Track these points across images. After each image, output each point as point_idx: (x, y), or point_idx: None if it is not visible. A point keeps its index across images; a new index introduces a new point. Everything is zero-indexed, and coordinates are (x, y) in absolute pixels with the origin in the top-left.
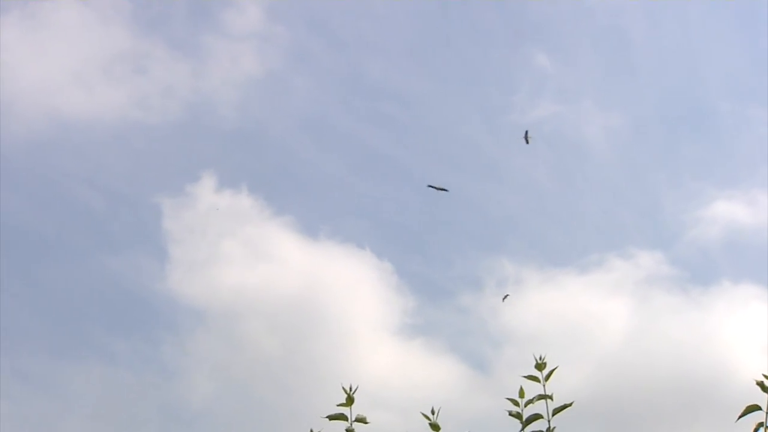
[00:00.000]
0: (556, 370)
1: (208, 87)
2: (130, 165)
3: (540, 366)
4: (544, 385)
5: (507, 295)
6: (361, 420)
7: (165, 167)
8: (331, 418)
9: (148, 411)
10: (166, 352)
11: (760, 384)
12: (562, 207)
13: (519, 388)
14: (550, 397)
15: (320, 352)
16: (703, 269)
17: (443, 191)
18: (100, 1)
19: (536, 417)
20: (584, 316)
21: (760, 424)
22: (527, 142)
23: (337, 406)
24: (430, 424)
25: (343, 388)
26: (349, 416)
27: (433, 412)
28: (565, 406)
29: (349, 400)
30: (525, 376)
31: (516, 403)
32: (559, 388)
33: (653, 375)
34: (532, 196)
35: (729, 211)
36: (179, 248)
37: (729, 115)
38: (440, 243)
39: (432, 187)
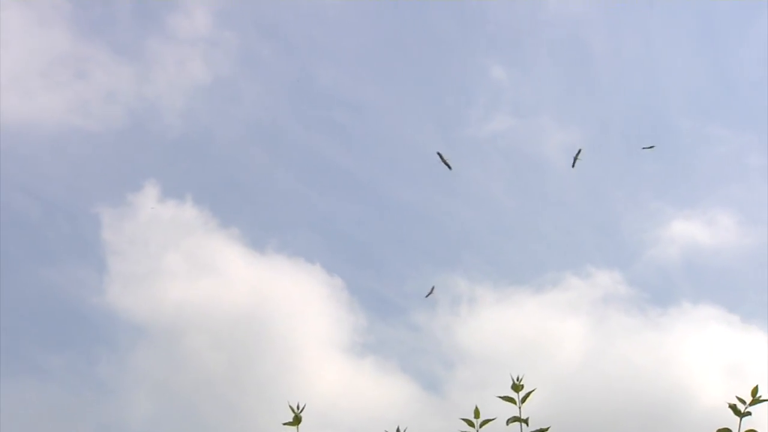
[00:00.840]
0: (533, 393)
1: (152, 93)
2: (68, 173)
3: (517, 387)
4: (519, 408)
5: (432, 288)
6: None
7: (105, 175)
8: None
9: (84, 430)
10: (103, 368)
11: (733, 407)
12: (519, 223)
13: (474, 408)
14: (526, 422)
15: (267, 371)
16: (661, 290)
17: (447, 167)
18: (40, 2)
19: None
20: (540, 336)
21: None
22: (573, 165)
23: (284, 425)
24: None
25: (291, 407)
26: None
27: None
28: (541, 431)
29: (296, 420)
30: (501, 397)
31: (471, 424)
32: (514, 410)
33: (611, 398)
34: (489, 211)
35: (688, 231)
36: (119, 260)
37: (689, 132)
38: (393, 258)
39: (440, 156)
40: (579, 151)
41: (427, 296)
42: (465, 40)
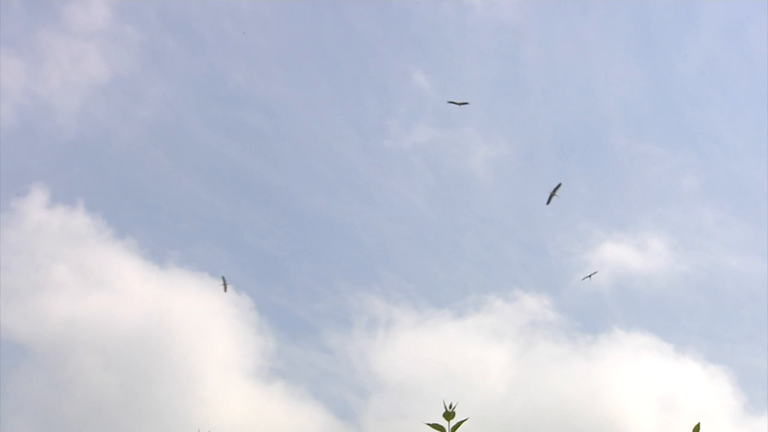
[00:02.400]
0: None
1: (44, 90)
2: None
3: (448, 415)
4: None
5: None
6: None
7: None
8: None
9: None
10: None
11: None
12: (442, 239)
13: None
14: None
15: (165, 395)
16: (592, 316)
17: (464, 104)
18: None
19: None
20: (463, 363)
21: None
22: (549, 201)
23: None
24: None
25: None
26: None
27: None
28: None
29: None
30: (430, 425)
31: None
32: None
33: (538, 429)
34: (411, 225)
35: (619, 255)
36: (1, 272)
37: (623, 150)
38: (306, 273)
39: (453, 102)
40: (558, 186)
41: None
42: (387, 44)
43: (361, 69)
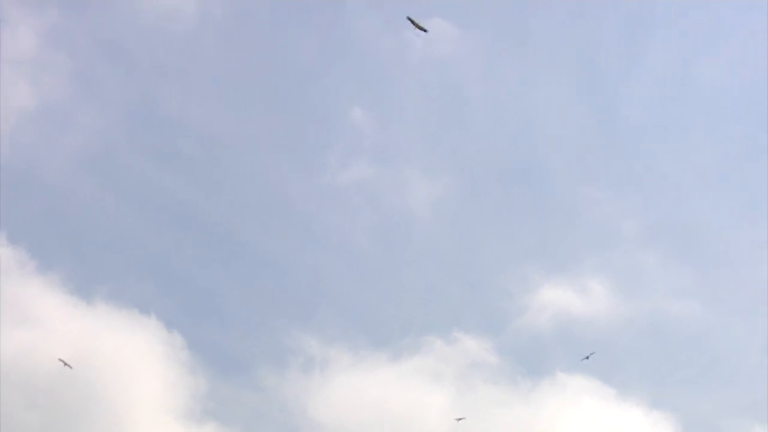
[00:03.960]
0: None
1: None
2: None
3: None
4: None
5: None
6: None
7: None
8: None
9: None
10: None
11: None
12: (383, 277)
13: None
14: None
15: None
16: (533, 359)
17: (422, 29)
18: None
19: None
20: (402, 405)
21: None
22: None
23: None
24: None
25: None
26: None
27: None
28: None
29: None
30: None
31: None
32: None
33: None
34: (350, 261)
35: (560, 299)
36: None
37: (565, 192)
38: (241, 308)
39: (411, 21)
40: (591, 354)
41: None
42: (327, 77)
43: (301, 101)
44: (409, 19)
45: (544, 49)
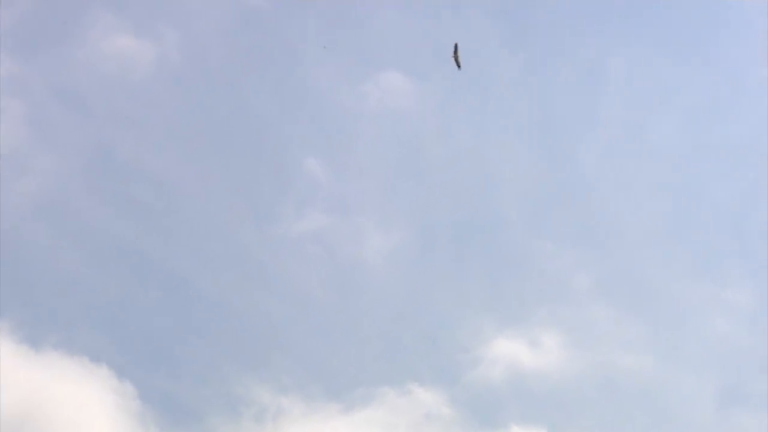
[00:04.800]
0: None
1: None
2: None
3: None
4: None
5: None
6: None
7: None
8: None
9: None
10: None
11: None
12: (337, 327)
13: None
14: None
15: None
16: (487, 412)
17: (457, 64)
18: None
19: None
20: None
21: None
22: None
23: None
24: None
25: None
26: None
27: None
28: None
29: None
30: None
31: None
32: None
33: None
34: (304, 311)
35: (512, 351)
36: None
37: (518, 244)
38: (193, 356)
39: (455, 55)
40: (456, 48)
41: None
42: (282, 126)
43: (256, 150)
44: (456, 46)
45: (500, 102)
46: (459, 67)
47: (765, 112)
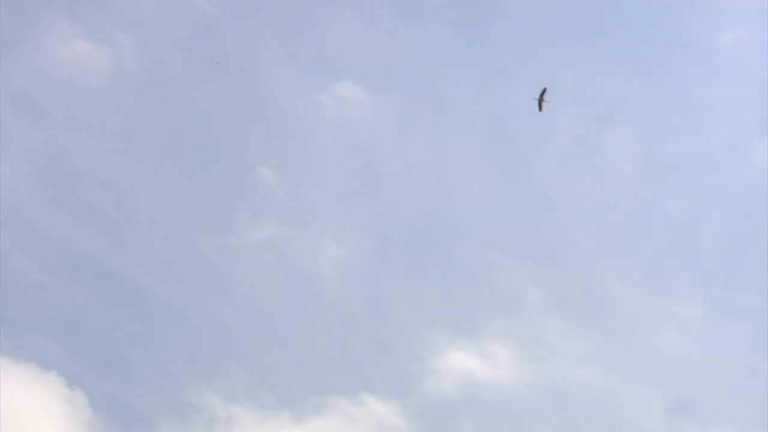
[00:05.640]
0: None
1: None
2: None
3: None
4: None
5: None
6: None
7: None
8: None
9: None
10: None
11: None
12: (290, 335)
13: None
14: None
15: None
16: (439, 422)
17: (539, 106)
18: None
19: None
20: None
21: None
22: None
23: None
24: None
25: None
26: None
27: None
28: None
29: None
30: None
31: None
32: None
33: None
34: (257, 319)
35: (464, 362)
36: None
37: (471, 257)
38: (145, 362)
39: (541, 98)
40: (544, 90)
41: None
42: (237, 134)
43: (211, 158)
44: (545, 91)
45: (456, 115)
46: (540, 109)
47: (717, 129)
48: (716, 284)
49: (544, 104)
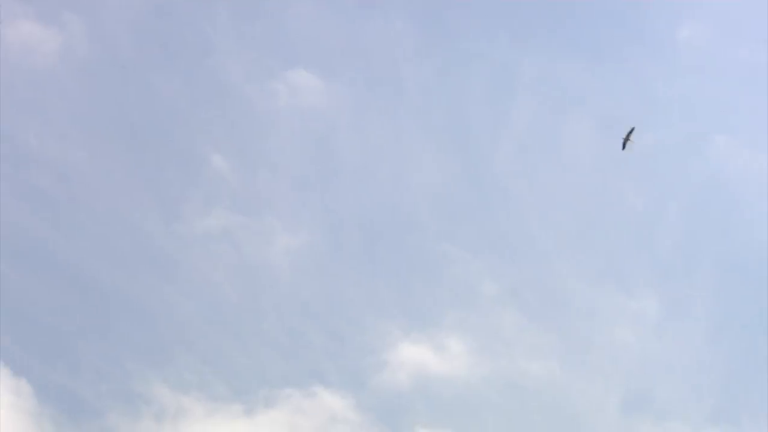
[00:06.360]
0: None
1: None
2: None
3: None
4: None
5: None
6: None
7: None
8: None
9: None
10: None
11: None
12: (243, 326)
13: None
14: None
15: None
16: (393, 415)
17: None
18: None
19: None
20: None
21: None
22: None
23: None
24: None
25: None
26: None
27: None
28: None
29: None
30: None
31: None
32: None
33: None
34: (209, 308)
35: (418, 355)
36: None
37: (426, 250)
38: (94, 352)
39: (628, 137)
40: (631, 130)
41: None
42: (189, 120)
43: (162, 144)
44: (632, 130)
45: (413, 104)
46: (623, 147)
47: (675, 124)
48: (672, 280)
49: (629, 143)
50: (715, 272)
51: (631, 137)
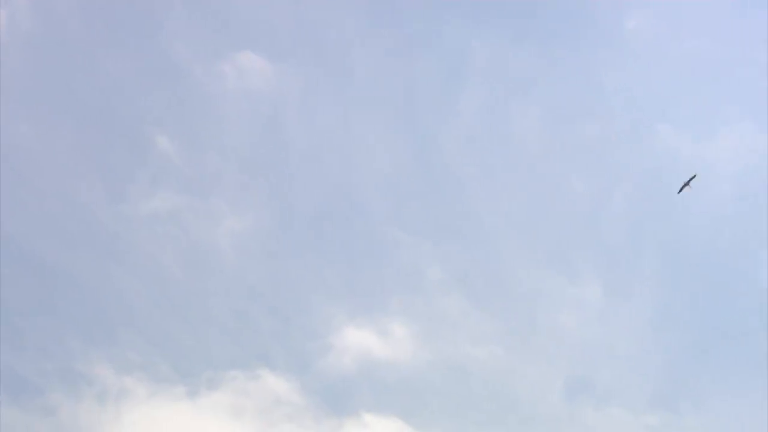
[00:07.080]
0: None
1: None
2: None
3: None
4: None
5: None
6: None
7: None
8: None
9: None
10: None
11: None
12: (188, 306)
13: None
14: None
15: None
16: (338, 399)
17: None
18: None
19: None
20: None
21: None
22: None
23: None
24: None
25: None
26: None
27: None
28: None
29: None
30: None
31: None
32: None
33: None
34: (154, 288)
35: (363, 339)
36: None
37: (375, 234)
38: (35, 329)
39: (688, 183)
40: (692, 177)
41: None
42: (135, 100)
43: (108, 122)
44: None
45: (362, 88)
46: (680, 191)
47: (621, 112)
48: (616, 267)
49: (686, 189)
50: (658, 260)
51: (691, 184)
